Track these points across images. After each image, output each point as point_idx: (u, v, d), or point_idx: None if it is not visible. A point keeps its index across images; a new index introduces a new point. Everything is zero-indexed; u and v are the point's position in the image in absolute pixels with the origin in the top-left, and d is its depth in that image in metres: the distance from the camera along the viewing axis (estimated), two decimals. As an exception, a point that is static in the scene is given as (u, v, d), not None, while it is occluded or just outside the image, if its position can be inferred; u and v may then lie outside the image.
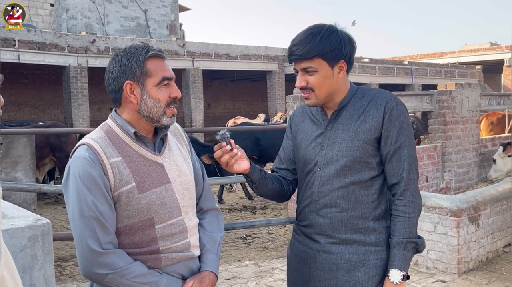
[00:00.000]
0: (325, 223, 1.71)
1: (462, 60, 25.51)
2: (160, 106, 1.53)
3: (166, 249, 1.53)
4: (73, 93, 14.50)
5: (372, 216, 1.70)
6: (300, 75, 1.71)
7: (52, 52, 14.02)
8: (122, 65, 1.52)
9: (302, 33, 1.69)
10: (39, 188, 4.09)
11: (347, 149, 1.68)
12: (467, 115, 6.24)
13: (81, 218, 1.43)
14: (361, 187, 1.69)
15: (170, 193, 1.56)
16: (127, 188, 1.48)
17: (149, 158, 1.55)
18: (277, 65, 18.87)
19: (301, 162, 1.79)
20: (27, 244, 2.47)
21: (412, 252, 1.66)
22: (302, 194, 1.80)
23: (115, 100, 1.57)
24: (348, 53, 1.68)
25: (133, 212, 1.49)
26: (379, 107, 1.68)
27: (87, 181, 1.43)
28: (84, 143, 1.50)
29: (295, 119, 1.89)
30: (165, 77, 1.54)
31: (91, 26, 18.44)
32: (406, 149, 1.68)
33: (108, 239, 1.44)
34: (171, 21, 20.99)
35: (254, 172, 1.74)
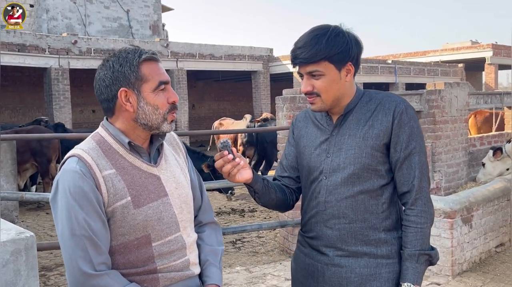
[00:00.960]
0: (333, 235, 1.61)
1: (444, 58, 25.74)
2: (160, 113, 1.42)
3: (164, 268, 1.42)
4: (55, 95, 14.22)
5: (383, 227, 1.61)
6: (305, 79, 1.60)
7: (32, 53, 13.73)
8: (114, 71, 1.39)
9: (306, 35, 1.58)
10: (21, 197, 3.93)
11: (354, 156, 1.59)
12: (456, 114, 6.23)
13: (71, 238, 1.30)
14: (370, 196, 1.59)
15: (167, 207, 1.44)
16: (121, 203, 1.36)
17: (144, 169, 1.43)
18: (262, 65, 18.80)
19: (305, 170, 1.69)
20: (10, 259, 2.32)
21: (425, 264, 1.58)
22: (307, 204, 1.70)
23: (108, 110, 1.44)
24: (355, 55, 1.59)
25: (128, 229, 1.37)
26: (387, 112, 1.59)
27: (78, 196, 1.31)
28: (74, 154, 1.38)
29: (297, 124, 1.79)
30: (162, 81, 1.42)
31: (72, 27, 18.12)
32: (417, 156, 1.59)
33: (101, 260, 1.32)
34: (154, 21, 20.75)
35: (257, 182, 1.64)
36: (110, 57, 1.43)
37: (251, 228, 4.83)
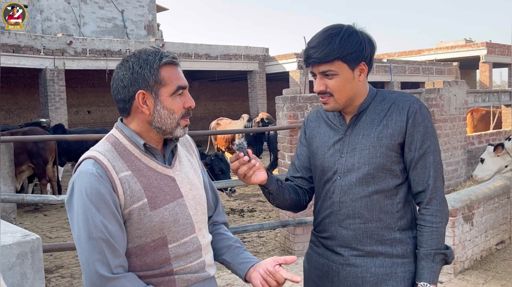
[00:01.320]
0: (348, 235, 1.61)
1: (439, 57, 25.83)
2: (175, 117, 1.40)
3: (181, 270, 1.40)
4: (50, 96, 14.12)
5: (398, 227, 1.60)
6: (318, 78, 1.60)
7: (27, 54, 13.63)
8: (134, 72, 1.38)
9: (319, 35, 1.58)
10: (22, 199, 3.89)
11: (369, 155, 1.58)
12: (455, 113, 6.24)
13: (88, 240, 1.28)
14: (385, 196, 1.59)
15: (183, 208, 1.43)
16: (138, 204, 1.35)
17: (159, 171, 1.42)
18: (258, 64, 18.78)
19: (319, 170, 1.69)
20: (16, 262, 2.31)
21: (441, 263, 1.57)
22: (321, 204, 1.69)
23: (123, 110, 1.43)
24: (369, 55, 1.59)
25: (145, 231, 1.36)
26: (401, 111, 1.59)
27: (95, 198, 1.29)
28: (90, 156, 1.36)
29: (309, 125, 1.78)
30: (180, 86, 1.41)
31: (66, 28, 18.02)
32: (432, 155, 1.59)
33: (118, 262, 1.30)
34: (148, 21, 20.67)
35: (271, 183, 1.64)
36: (130, 57, 1.41)
37: (252, 228, 4.82)
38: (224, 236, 1.59)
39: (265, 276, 1.44)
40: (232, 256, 1.54)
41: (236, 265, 1.52)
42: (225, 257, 1.55)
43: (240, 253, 1.54)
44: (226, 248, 1.56)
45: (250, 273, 1.48)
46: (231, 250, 1.55)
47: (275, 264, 1.45)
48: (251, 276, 1.48)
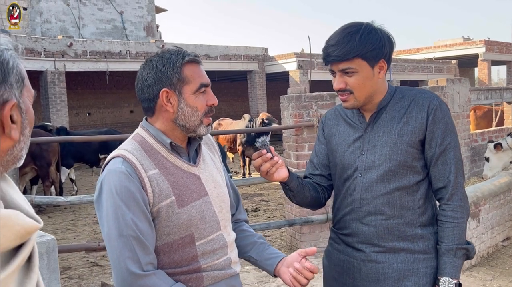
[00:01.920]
0: (369, 232, 1.62)
1: (438, 55, 25.87)
2: (198, 115, 1.42)
3: (208, 267, 1.42)
4: (51, 98, 14.14)
5: (419, 223, 1.62)
6: (338, 76, 1.61)
7: (27, 57, 13.62)
8: (157, 71, 1.40)
9: (338, 33, 1.59)
10: (31, 200, 3.90)
11: (390, 153, 1.59)
12: (459, 110, 6.27)
13: (119, 238, 1.30)
14: (406, 193, 1.61)
15: (208, 206, 1.45)
16: (166, 202, 1.36)
17: (185, 169, 1.43)
18: (258, 64, 18.79)
19: (339, 168, 1.70)
20: (33, 263, 2.32)
21: (462, 259, 1.59)
22: (341, 201, 1.71)
23: (148, 109, 1.45)
24: (388, 52, 1.60)
25: (173, 228, 1.38)
26: (421, 108, 1.60)
27: (124, 196, 1.31)
28: (119, 155, 1.38)
29: (327, 122, 1.79)
30: (203, 83, 1.43)
31: (66, 30, 18.01)
32: (452, 151, 1.60)
33: (148, 260, 1.32)
34: (148, 22, 20.68)
35: (292, 180, 1.65)
36: (153, 57, 1.44)
37: (259, 227, 4.83)
38: (248, 233, 1.62)
39: (295, 275, 1.46)
40: (258, 252, 1.56)
41: (263, 261, 1.54)
42: (251, 254, 1.57)
43: (266, 249, 1.56)
44: (251, 245, 1.58)
45: (279, 268, 1.51)
46: (256, 247, 1.57)
47: (301, 258, 1.49)
48: (279, 271, 1.51)
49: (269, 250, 1.56)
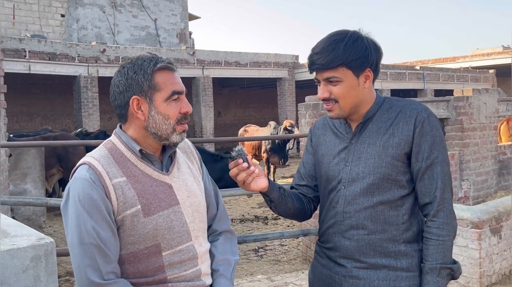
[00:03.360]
0: (351, 246, 1.57)
1: (475, 64, 25.19)
2: (170, 123, 1.40)
3: (174, 278, 1.39)
4: (84, 103, 14.51)
5: (403, 239, 1.55)
6: (322, 85, 1.57)
7: (62, 62, 14.06)
8: (128, 78, 1.39)
9: (324, 41, 1.55)
10: (46, 203, 3.99)
11: (374, 165, 1.54)
12: (485, 121, 6.06)
13: (80, 246, 1.29)
14: (390, 207, 1.54)
15: (178, 216, 1.42)
16: (131, 211, 1.35)
17: (155, 178, 1.41)
18: (287, 72, 18.78)
19: (324, 179, 1.65)
20: (30, 265, 2.35)
21: (447, 279, 1.51)
22: (325, 214, 1.66)
23: (121, 116, 1.44)
24: (374, 61, 1.55)
25: (138, 237, 1.36)
26: (408, 120, 1.54)
27: (87, 204, 1.30)
28: (85, 162, 1.38)
29: (316, 132, 1.75)
30: (175, 91, 1.41)
31: (101, 36, 18.51)
32: (439, 166, 1.53)
33: (109, 269, 1.31)
34: (180, 29, 21.02)
35: (272, 191, 1.61)
36: (126, 64, 1.43)
37: (273, 236, 4.79)
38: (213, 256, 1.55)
39: None
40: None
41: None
42: None
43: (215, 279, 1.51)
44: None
45: None
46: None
47: None
48: None
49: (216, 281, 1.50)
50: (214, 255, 1.53)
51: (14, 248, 2.30)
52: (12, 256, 2.27)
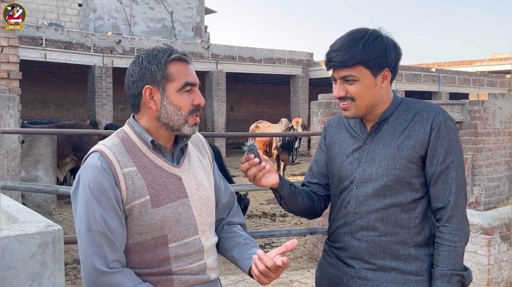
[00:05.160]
0: (361, 247, 1.55)
1: (492, 68, 24.88)
2: (181, 114, 1.39)
3: (179, 271, 1.39)
4: (98, 92, 14.60)
5: (413, 242, 1.53)
6: (338, 83, 1.55)
7: (78, 51, 14.16)
8: (142, 68, 1.39)
9: (343, 38, 1.53)
10: (55, 190, 4.02)
11: (388, 167, 1.52)
12: (500, 126, 5.98)
13: (87, 233, 1.30)
14: (402, 210, 1.52)
15: (186, 208, 1.41)
16: (140, 201, 1.35)
17: (166, 169, 1.41)
18: (301, 69, 18.71)
19: (336, 178, 1.64)
20: (37, 251, 2.37)
21: (457, 285, 1.49)
22: (335, 213, 1.64)
23: (134, 106, 1.44)
24: (393, 61, 1.52)
25: (145, 228, 1.36)
26: (425, 122, 1.52)
27: (96, 192, 1.30)
28: (96, 149, 1.38)
29: (330, 130, 1.73)
30: (188, 82, 1.40)
31: (117, 27, 18.60)
32: (455, 170, 1.51)
33: (115, 257, 1.31)
34: (196, 23, 21.04)
35: (283, 187, 1.60)
36: (141, 54, 1.43)
37: (280, 233, 4.78)
38: (235, 234, 1.55)
39: (255, 260, 1.36)
40: (240, 252, 1.49)
41: (242, 261, 1.47)
42: (233, 253, 1.51)
43: (248, 249, 1.48)
44: (236, 245, 1.52)
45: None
46: (239, 247, 1.51)
47: (276, 254, 1.37)
48: None
49: (251, 250, 1.48)
50: (237, 233, 1.54)
51: (23, 234, 2.32)
52: (20, 241, 2.28)
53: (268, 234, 4.73)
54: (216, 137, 14.82)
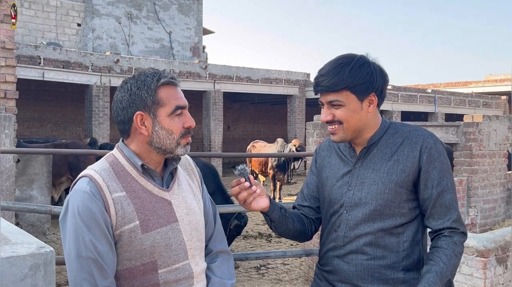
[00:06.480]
0: (350, 271, 1.56)
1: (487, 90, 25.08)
2: (174, 137, 1.40)
3: None
4: (95, 111, 14.62)
5: (402, 266, 1.54)
6: (325, 108, 1.58)
7: (76, 70, 14.22)
8: (132, 94, 1.40)
9: (330, 63, 1.56)
10: (49, 210, 3.97)
11: (377, 191, 1.53)
12: (495, 148, 6.01)
13: (77, 259, 1.29)
14: (391, 234, 1.54)
15: (176, 233, 1.41)
16: (129, 226, 1.34)
17: (155, 193, 1.41)
18: (298, 89, 18.82)
19: (326, 202, 1.65)
20: (28, 273, 2.34)
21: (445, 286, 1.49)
22: (325, 237, 1.65)
23: (124, 131, 1.44)
24: (379, 86, 1.55)
25: (135, 253, 1.35)
26: (414, 146, 1.54)
27: (86, 217, 1.30)
28: (86, 174, 1.37)
29: (321, 153, 1.75)
30: (179, 106, 1.41)
31: (116, 46, 18.73)
32: (450, 193, 1.53)
33: (106, 284, 1.30)
34: (194, 43, 21.22)
35: (273, 211, 1.61)
36: (129, 79, 1.43)
37: (275, 254, 4.72)
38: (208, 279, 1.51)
39: None
40: None
41: None
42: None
43: None
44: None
45: None
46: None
47: None
48: None
49: None
50: (210, 278, 1.51)
51: (14, 256, 2.29)
52: (11, 263, 2.26)
53: (263, 256, 4.69)
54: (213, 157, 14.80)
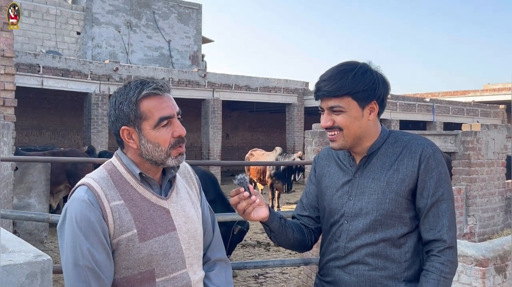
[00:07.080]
0: (351, 281, 1.55)
1: (485, 99, 25.16)
2: (162, 149, 1.37)
3: None
4: (93, 119, 14.62)
5: (404, 277, 1.52)
6: (326, 114, 1.57)
7: (75, 79, 14.24)
8: (116, 109, 1.39)
9: (333, 69, 1.56)
10: (47, 218, 3.96)
11: (378, 201, 1.52)
12: (493, 157, 6.01)
13: (74, 268, 1.28)
14: (392, 245, 1.52)
15: (174, 242, 1.40)
16: (127, 235, 1.33)
17: (154, 202, 1.40)
18: (297, 98, 18.85)
19: (326, 212, 1.64)
20: (25, 282, 2.33)
21: None
22: (326, 247, 1.64)
23: (119, 142, 1.44)
24: (381, 95, 1.55)
25: (133, 262, 1.34)
26: (413, 155, 1.53)
27: (84, 226, 1.29)
28: (84, 183, 1.37)
29: (320, 162, 1.74)
30: (163, 117, 1.37)
31: (115, 55, 18.78)
32: (445, 203, 1.52)
33: None
34: (193, 52, 21.29)
35: (273, 221, 1.59)
36: (115, 93, 1.42)
37: (273, 263, 4.71)
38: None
39: None
40: None
41: None
42: None
43: None
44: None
45: None
46: None
47: None
48: None
49: None
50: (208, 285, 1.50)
51: (11, 264, 2.28)
52: (8, 272, 2.25)
53: (262, 265, 4.67)
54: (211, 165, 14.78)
